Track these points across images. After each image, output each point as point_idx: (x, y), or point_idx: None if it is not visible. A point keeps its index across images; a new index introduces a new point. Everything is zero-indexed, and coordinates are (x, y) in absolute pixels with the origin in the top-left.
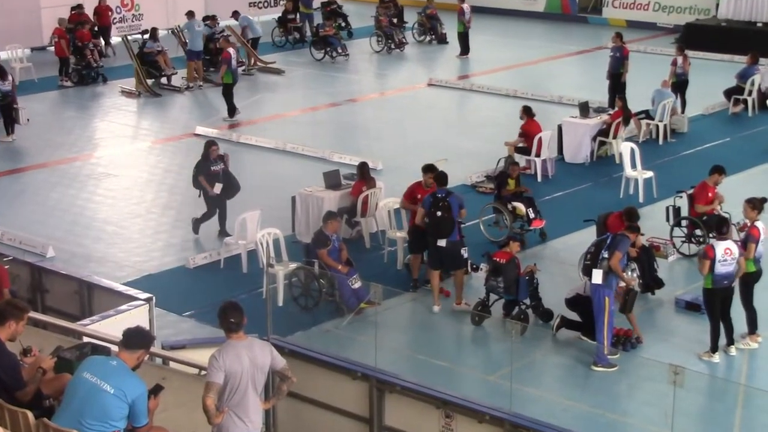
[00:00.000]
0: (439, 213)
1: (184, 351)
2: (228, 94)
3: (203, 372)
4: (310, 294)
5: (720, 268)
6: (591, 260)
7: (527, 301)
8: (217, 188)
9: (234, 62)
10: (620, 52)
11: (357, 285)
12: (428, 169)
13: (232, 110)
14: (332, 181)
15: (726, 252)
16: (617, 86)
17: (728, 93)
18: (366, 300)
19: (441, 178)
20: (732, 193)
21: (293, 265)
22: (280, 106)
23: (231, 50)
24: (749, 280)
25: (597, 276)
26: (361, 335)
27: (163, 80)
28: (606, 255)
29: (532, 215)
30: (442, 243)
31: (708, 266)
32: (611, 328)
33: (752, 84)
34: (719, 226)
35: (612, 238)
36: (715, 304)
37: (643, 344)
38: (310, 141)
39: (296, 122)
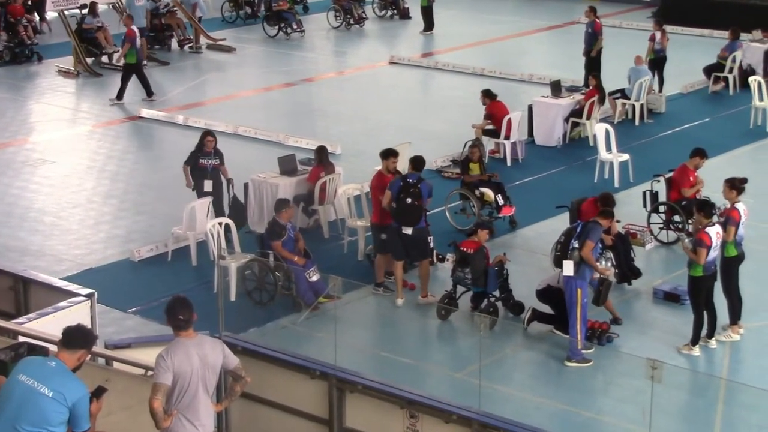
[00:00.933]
0: (409, 200)
1: (128, 350)
2: (127, 76)
3: (150, 373)
4: (264, 288)
5: (711, 255)
6: (561, 251)
7: (496, 293)
8: (207, 185)
9: (138, 41)
10: (592, 27)
11: (315, 278)
12: (389, 153)
13: (122, 93)
14: (287, 166)
15: (717, 236)
16: (593, 64)
17: (708, 70)
18: (324, 294)
19: (418, 162)
20: (712, 177)
21: (246, 257)
22: (231, 86)
23: (135, 28)
24: (731, 265)
25: (568, 267)
26: (319, 331)
27: (104, 59)
28: (576, 245)
29: (501, 202)
30: (408, 231)
31: (705, 255)
32: (585, 321)
33: (733, 61)
34: (706, 210)
35: (582, 226)
36: (702, 293)
37: (620, 331)
38: (264, 124)
39: (248, 104)
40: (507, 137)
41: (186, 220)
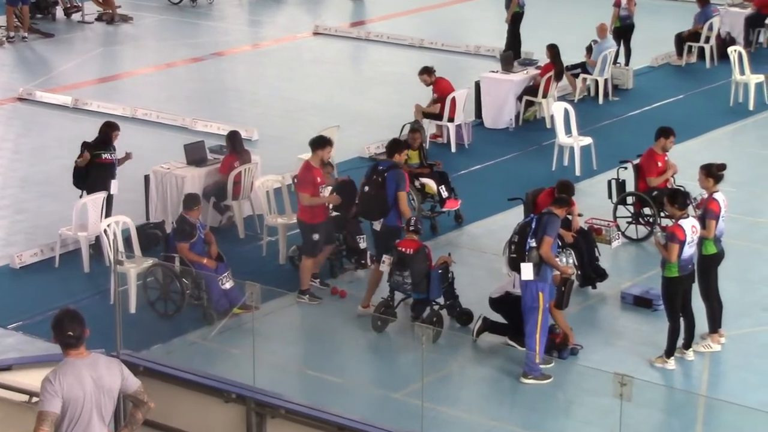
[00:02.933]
0: (366, 188)
1: (9, 373)
2: None
3: (35, 399)
4: (170, 297)
5: (686, 251)
6: (516, 251)
7: (441, 300)
8: (113, 186)
9: None
10: None
11: (228, 284)
12: (322, 143)
13: None
14: (196, 155)
15: (693, 231)
16: (513, 33)
17: (681, 40)
18: (240, 303)
19: (393, 146)
20: (688, 162)
21: (148, 262)
22: (128, 62)
23: None
24: (709, 264)
25: (527, 271)
26: (235, 347)
27: None
28: (533, 243)
29: (444, 194)
30: (376, 226)
31: (677, 251)
32: (546, 330)
33: (710, 29)
34: (678, 200)
35: (537, 220)
36: (677, 296)
37: (584, 342)
38: (167, 106)
39: (149, 82)
40: (451, 119)
41: (76, 219)
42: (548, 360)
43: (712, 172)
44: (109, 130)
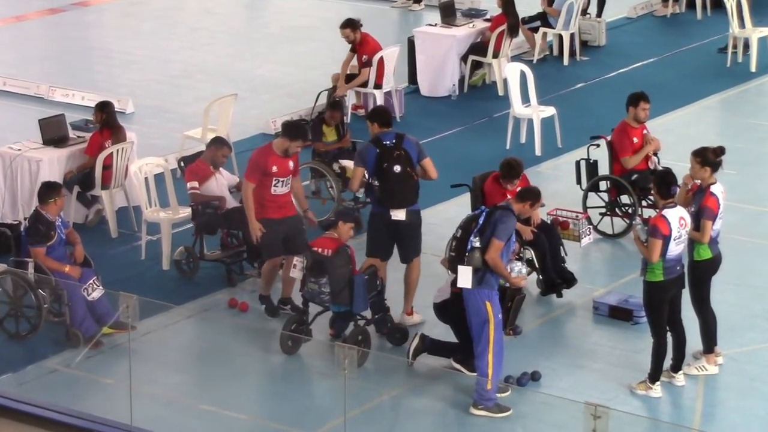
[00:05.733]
0: (398, 168)
1: None
2: None
3: None
4: (22, 314)
5: (673, 249)
6: (457, 250)
7: (367, 314)
8: None
9: None
10: None
11: (96, 294)
12: (296, 133)
13: None
14: (54, 133)
15: (680, 223)
16: None
17: None
18: (113, 321)
19: (383, 114)
20: (676, 137)
21: None
22: None
23: None
24: (704, 272)
25: (465, 276)
26: (106, 376)
27: None
28: (477, 243)
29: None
30: (400, 215)
31: (660, 249)
32: (501, 350)
33: None
34: (662, 185)
35: (486, 215)
36: (663, 306)
37: (549, 364)
38: (16, 70)
39: None
40: (378, 86)
41: None
42: (504, 388)
43: (709, 160)
44: None
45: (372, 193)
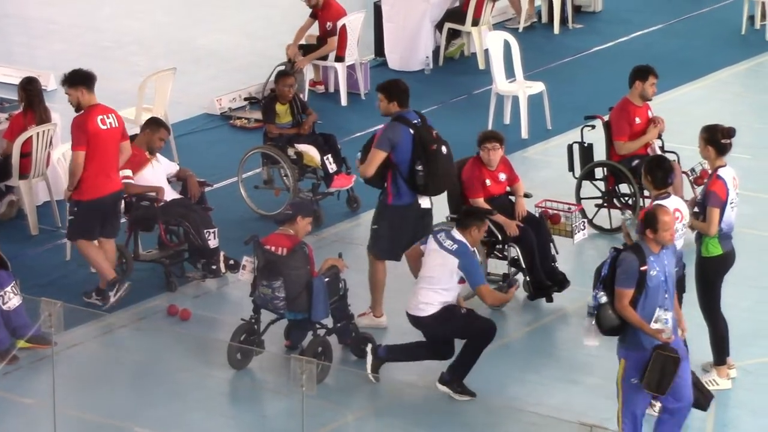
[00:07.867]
0: (444, 149)
1: None
2: None
3: None
4: None
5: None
6: None
7: (328, 322)
8: None
9: None
10: None
11: (14, 302)
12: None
13: None
14: None
15: (676, 216)
16: None
17: None
18: (32, 333)
19: (402, 91)
20: (682, 116)
21: None
22: None
23: None
24: (714, 272)
25: None
26: (26, 395)
27: None
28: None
29: (332, 167)
30: (427, 203)
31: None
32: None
33: None
34: (654, 172)
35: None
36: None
37: (540, 378)
38: None
39: None
40: (339, 58)
41: None
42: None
43: (716, 140)
44: None
45: (395, 182)
